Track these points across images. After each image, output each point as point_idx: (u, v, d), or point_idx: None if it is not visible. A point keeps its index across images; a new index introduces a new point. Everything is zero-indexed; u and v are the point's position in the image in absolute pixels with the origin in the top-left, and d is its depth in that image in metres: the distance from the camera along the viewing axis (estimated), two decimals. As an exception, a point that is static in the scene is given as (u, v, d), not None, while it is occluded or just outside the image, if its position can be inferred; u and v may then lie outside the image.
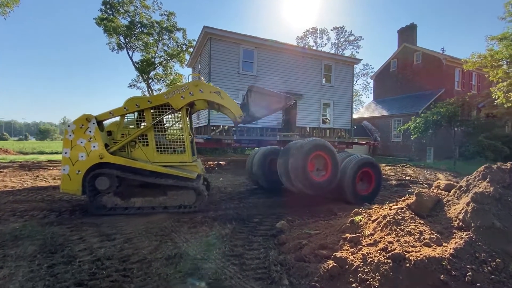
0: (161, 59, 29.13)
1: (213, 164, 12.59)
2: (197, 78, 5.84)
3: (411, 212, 3.10)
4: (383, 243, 2.66)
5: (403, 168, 14.07)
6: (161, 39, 27.93)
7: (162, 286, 2.61)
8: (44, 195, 6.27)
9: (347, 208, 5.34)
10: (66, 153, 4.73)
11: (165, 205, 5.05)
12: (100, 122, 5.01)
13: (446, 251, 2.32)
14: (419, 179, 10.77)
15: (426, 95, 21.48)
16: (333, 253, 2.87)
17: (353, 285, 2.35)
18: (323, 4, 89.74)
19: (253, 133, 14.22)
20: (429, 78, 22.04)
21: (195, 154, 6.03)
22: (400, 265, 2.32)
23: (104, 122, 5.25)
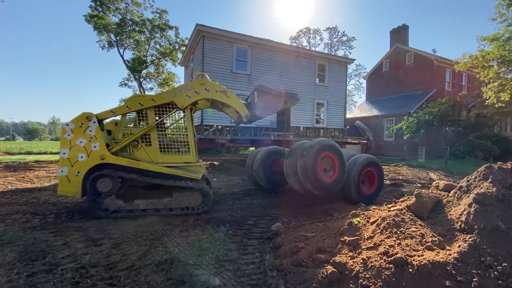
0: (153, 57, 28.76)
1: (206, 164, 12.38)
2: (201, 77, 5.66)
3: (411, 214, 3.00)
4: (384, 247, 2.55)
5: (396, 168, 14.12)
6: (153, 37, 27.55)
7: (151, 295, 2.45)
8: (28, 198, 5.99)
9: (342, 209, 5.27)
10: (64, 153, 4.44)
11: (170, 207, 4.87)
12: (100, 121, 4.76)
13: (450, 255, 2.22)
14: (412, 178, 10.80)
15: (418, 95, 21.71)
16: (332, 257, 2.76)
17: (354, 292, 2.23)
18: (316, 5, 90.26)
19: (246, 132, 14.07)
20: (421, 79, 22.28)
21: (197, 154, 5.90)
22: (402, 270, 2.21)
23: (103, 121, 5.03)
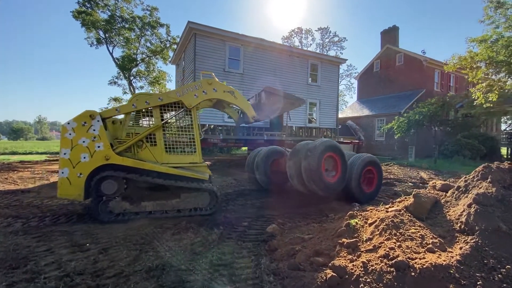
0: (144, 55, 28.21)
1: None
2: (209, 76, 5.52)
3: (409, 215, 2.95)
4: (384, 249, 2.48)
5: (387, 167, 14.25)
6: (143, 34, 27.01)
7: (142, 305, 2.31)
8: (10, 200, 5.71)
9: (337, 209, 5.22)
10: (65, 154, 4.17)
11: (178, 209, 4.75)
12: (103, 119, 4.54)
13: (452, 257, 2.17)
14: (403, 177, 10.90)
15: (408, 95, 22.03)
16: (330, 260, 2.67)
17: (355, 297, 2.16)
18: (308, 5, 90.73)
19: (239, 132, 13.93)
20: (411, 79, 22.63)
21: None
22: (404, 274, 2.15)
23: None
